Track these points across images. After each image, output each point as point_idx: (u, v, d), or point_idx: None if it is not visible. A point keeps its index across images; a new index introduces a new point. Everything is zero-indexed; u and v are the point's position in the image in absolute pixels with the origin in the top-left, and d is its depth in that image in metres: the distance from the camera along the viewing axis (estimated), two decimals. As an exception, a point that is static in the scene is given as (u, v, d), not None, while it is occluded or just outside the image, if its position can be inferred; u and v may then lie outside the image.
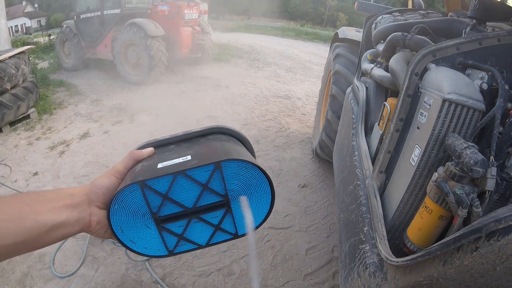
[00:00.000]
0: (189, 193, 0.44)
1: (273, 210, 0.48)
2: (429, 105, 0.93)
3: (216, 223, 0.47)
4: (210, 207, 0.46)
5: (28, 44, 8.61)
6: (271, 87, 5.79)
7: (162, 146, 0.55)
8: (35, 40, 10.75)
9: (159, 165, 0.45)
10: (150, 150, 0.52)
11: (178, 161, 0.45)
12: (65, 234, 0.43)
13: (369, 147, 1.43)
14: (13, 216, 0.39)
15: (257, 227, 0.49)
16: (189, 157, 0.46)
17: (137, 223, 0.45)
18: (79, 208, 0.44)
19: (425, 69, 1.00)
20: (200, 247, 0.49)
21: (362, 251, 1.07)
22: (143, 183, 0.42)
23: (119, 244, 0.46)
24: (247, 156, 0.47)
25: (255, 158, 0.57)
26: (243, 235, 0.50)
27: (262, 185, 0.46)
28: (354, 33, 2.79)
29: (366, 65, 1.95)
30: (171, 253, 0.48)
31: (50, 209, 0.42)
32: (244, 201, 0.45)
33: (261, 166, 0.45)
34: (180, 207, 0.45)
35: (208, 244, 0.49)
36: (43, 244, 0.42)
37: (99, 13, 5.91)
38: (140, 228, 0.46)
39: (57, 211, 0.42)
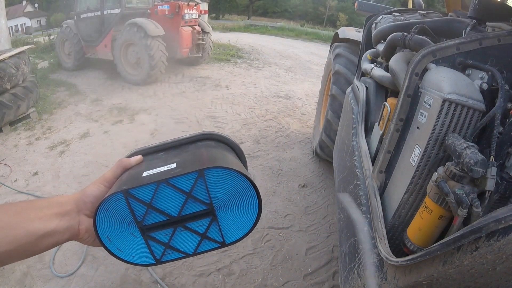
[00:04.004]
0: (173, 201, 0.44)
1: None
2: (429, 105, 0.93)
3: (202, 232, 0.47)
4: (195, 216, 0.45)
5: (28, 44, 8.60)
6: (271, 87, 5.79)
7: (152, 153, 0.55)
8: (35, 40, 10.74)
9: (144, 174, 0.45)
10: (138, 158, 0.53)
11: (162, 170, 0.45)
12: (55, 242, 0.44)
13: (369, 147, 1.43)
14: (2, 225, 0.39)
15: (246, 235, 0.49)
16: (174, 165, 0.46)
17: (123, 231, 0.45)
18: (68, 216, 0.45)
19: (425, 69, 1.00)
20: (187, 255, 0.48)
21: (362, 251, 1.07)
22: (127, 192, 0.42)
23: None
24: (233, 163, 0.46)
25: (247, 165, 0.57)
26: (231, 243, 0.49)
27: (248, 193, 0.45)
28: (354, 33, 2.79)
29: (366, 65, 1.95)
30: (158, 262, 0.48)
31: (39, 218, 0.42)
32: None
33: (248, 175, 0.44)
34: (165, 215, 0.44)
35: (195, 253, 0.48)
36: (33, 252, 0.42)
37: (99, 13, 5.91)
38: (127, 236, 0.46)
39: (46, 219, 0.43)
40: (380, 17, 2.21)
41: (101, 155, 3.33)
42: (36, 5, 28.89)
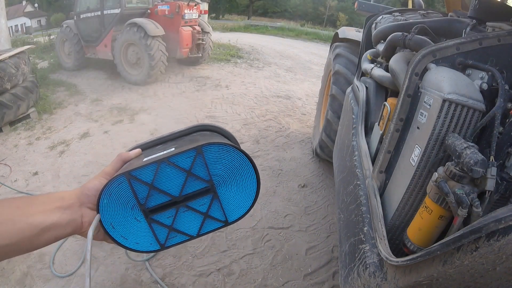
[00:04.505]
0: (174, 180, 0.45)
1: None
2: (429, 105, 0.93)
3: (204, 211, 0.48)
4: (196, 194, 0.46)
5: (28, 44, 8.60)
6: (271, 87, 5.79)
7: (150, 147, 0.57)
8: (35, 40, 10.74)
9: (145, 159, 0.47)
10: (137, 151, 0.54)
11: (162, 153, 0.47)
12: (57, 236, 0.44)
13: (369, 147, 1.43)
14: (4, 218, 0.40)
15: (246, 212, 0.50)
16: (172, 149, 0.47)
17: (127, 217, 0.46)
18: (70, 209, 0.45)
19: (425, 69, 1.00)
20: (191, 237, 0.49)
21: (362, 251, 1.07)
22: (129, 174, 0.43)
23: (113, 244, 0.48)
24: (228, 141, 0.47)
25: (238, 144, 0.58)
26: (234, 221, 0.50)
27: (246, 168, 0.47)
28: (354, 33, 2.79)
29: (366, 65, 1.95)
30: (163, 247, 0.48)
31: (41, 211, 0.42)
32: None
33: (242, 149, 0.45)
34: (167, 196, 0.46)
35: (199, 234, 0.49)
36: (36, 246, 0.43)
37: (99, 13, 5.91)
38: (130, 222, 0.46)
39: (48, 213, 0.43)
40: (380, 17, 2.21)
41: (101, 155, 3.33)
42: (36, 5, 28.89)
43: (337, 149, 2.10)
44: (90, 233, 0.42)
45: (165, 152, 0.46)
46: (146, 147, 0.57)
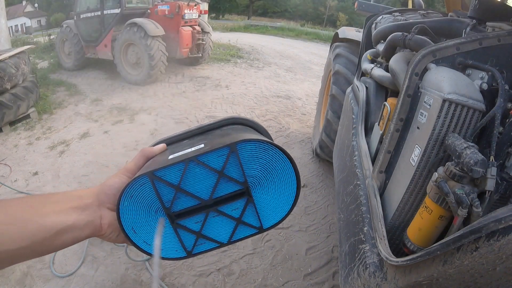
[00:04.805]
0: (204, 182, 0.40)
1: None
2: (429, 105, 0.93)
3: (237, 216, 0.42)
4: (229, 197, 0.41)
5: (28, 44, 8.60)
6: (271, 87, 5.79)
7: (176, 142, 0.52)
8: (35, 40, 10.74)
9: (170, 157, 0.41)
10: (161, 146, 0.49)
11: (190, 150, 0.41)
12: (74, 239, 0.40)
13: (369, 147, 1.43)
14: (15, 218, 0.36)
15: (284, 218, 0.44)
16: (202, 145, 0.41)
17: (150, 221, 0.41)
18: (88, 210, 0.41)
19: (425, 69, 1.00)
20: (221, 245, 0.44)
21: (362, 251, 1.07)
22: (152, 174, 0.38)
23: (121, 245, 0.44)
24: (264, 138, 0.42)
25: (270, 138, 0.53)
26: (269, 228, 0.44)
27: (285, 168, 0.41)
28: (354, 33, 2.79)
29: (366, 65, 1.95)
30: (190, 254, 0.44)
31: (56, 212, 0.39)
32: (160, 223, 0.40)
33: (282, 147, 0.40)
34: (196, 199, 0.40)
35: (230, 241, 0.44)
36: (50, 249, 0.39)
37: (99, 13, 5.91)
38: (154, 227, 0.41)
39: (64, 213, 0.39)
40: (380, 17, 2.21)
41: (101, 155, 3.33)
42: (36, 5, 28.89)
43: (337, 149, 2.10)
44: (155, 275, 0.37)
45: (193, 149, 0.41)
46: (171, 141, 0.51)
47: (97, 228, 0.42)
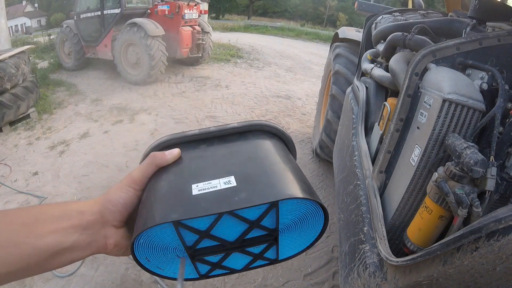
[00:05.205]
0: (234, 229, 0.37)
1: None
2: (429, 105, 0.93)
3: (257, 253, 0.41)
4: (254, 241, 0.39)
5: (28, 44, 8.60)
6: (271, 87, 5.79)
7: (189, 144, 0.45)
8: (35, 40, 10.75)
9: (195, 191, 0.36)
10: (175, 153, 0.41)
11: (219, 188, 0.36)
12: (74, 259, 0.37)
13: (369, 147, 1.43)
14: (6, 240, 0.32)
15: (299, 253, 0.44)
16: (233, 182, 0.37)
17: (167, 254, 0.38)
18: (91, 229, 0.37)
19: (425, 69, 1.00)
20: (234, 271, 0.43)
21: (362, 251, 1.07)
22: (178, 222, 0.34)
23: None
24: (305, 187, 0.38)
25: (296, 155, 0.50)
26: (283, 260, 0.43)
27: (317, 216, 0.40)
28: (354, 33, 2.79)
29: (366, 65, 1.95)
30: (202, 277, 0.42)
31: (53, 231, 0.34)
32: (182, 264, 0.38)
33: (320, 200, 0.38)
34: (220, 242, 0.38)
35: (243, 269, 0.43)
36: (47, 270, 0.35)
37: (99, 13, 5.91)
38: (170, 258, 0.39)
39: (62, 233, 0.35)
40: (380, 17, 2.21)
41: (101, 155, 3.33)
42: (36, 5, 28.90)
43: (337, 149, 2.10)
44: None
45: (222, 184, 0.36)
46: (185, 144, 0.44)
47: (101, 248, 0.39)
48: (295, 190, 0.36)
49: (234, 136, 0.46)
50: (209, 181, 0.37)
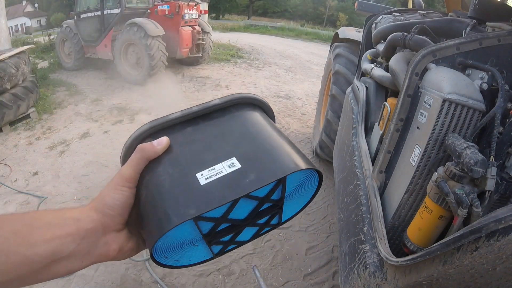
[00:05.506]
0: (245, 208, 0.39)
1: None
2: (429, 105, 0.93)
3: (263, 222, 0.43)
4: (262, 213, 0.41)
5: (28, 44, 8.60)
6: (271, 87, 5.79)
7: (176, 129, 0.42)
8: (35, 39, 10.75)
9: (202, 181, 0.34)
10: (165, 142, 0.39)
11: (225, 172, 0.35)
12: (72, 269, 0.35)
13: (369, 147, 1.43)
14: None
15: (298, 213, 0.48)
16: (236, 164, 0.36)
17: (183, 246, 0.39)
18: (90, 238, 0.35)
19: (425, 69, 1.00)
20: (242, 244, 0.44)
21: (362, 251, 1.07)
22: (198, 217, 0.33)
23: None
24: (303, 157, 0.40)
25: (275, 120, 0.51)
26: (286, 221, 0.46)
27: (312, 179, 0.43)
28: (354, 33, 2.79)
29: (366, 65, 1.95)
30: (215, 256, 0.43)
31: (48, 240, 0.32)
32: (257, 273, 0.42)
33: (315, 167, 0.40)
34: (233, 222, 0.39)
35: (250, 240, 0.45)
36: (41, 280, 0.33)
37: (99, 13, 5.91)
38: (186, 248, 0.39)
39: (57, 242, 0.32)
40: (380, 17, 2.21)
41: (101, 155, 3.33)
42: (36, 5, 28.90)
43: (337, 149, 2.10)
44: None
45: (226, 168, 0.36)
46: (170, 130, 0.42)
47: (103, 256, 0.36)
48: (298, 162, 0.37)
49: (218, 112, 0.44)
50: (213, 167, 0.36)
